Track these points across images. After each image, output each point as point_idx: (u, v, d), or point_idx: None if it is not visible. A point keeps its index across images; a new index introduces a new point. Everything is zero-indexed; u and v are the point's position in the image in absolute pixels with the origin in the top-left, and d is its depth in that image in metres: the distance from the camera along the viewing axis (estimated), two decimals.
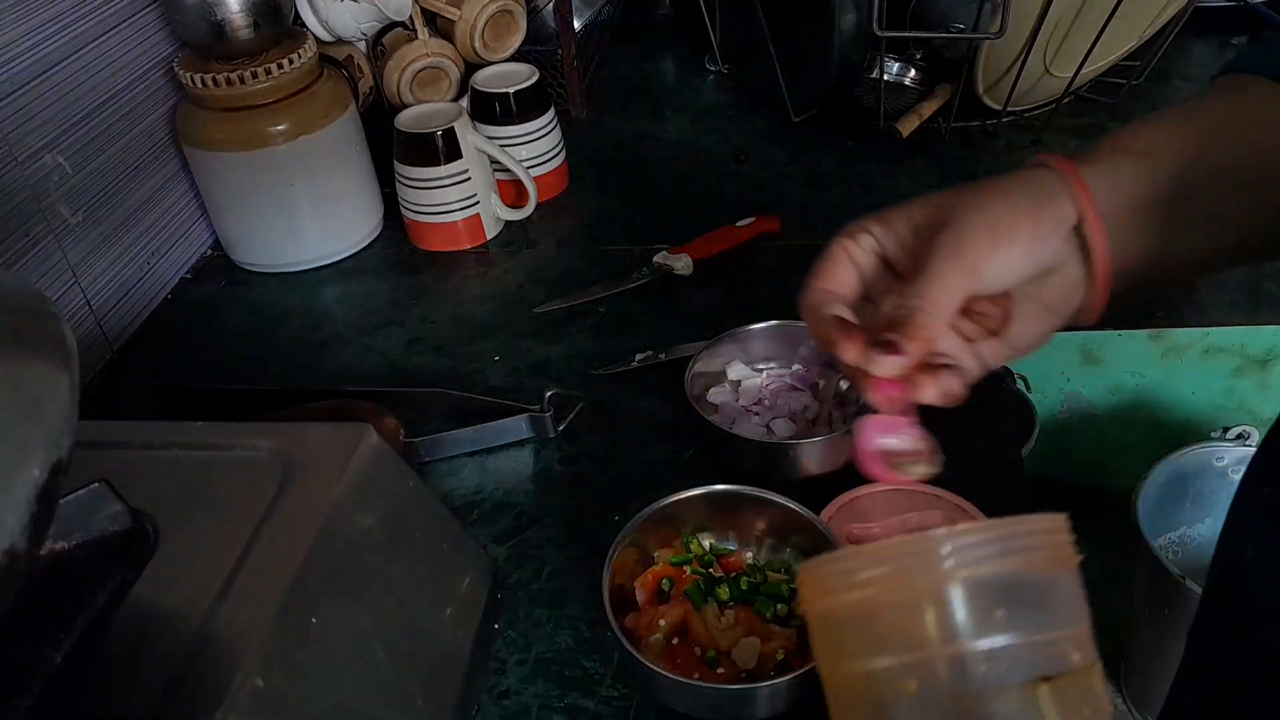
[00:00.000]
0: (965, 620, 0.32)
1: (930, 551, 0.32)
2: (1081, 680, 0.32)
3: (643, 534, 0.60)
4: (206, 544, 0.44)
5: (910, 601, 0.33)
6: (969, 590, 0.32)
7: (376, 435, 0.51)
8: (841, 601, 0.34)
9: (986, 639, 0.32)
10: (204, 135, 0.90)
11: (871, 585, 0.33)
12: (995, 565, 0.32)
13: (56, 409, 0.32)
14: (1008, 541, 0.33)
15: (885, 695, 0.33)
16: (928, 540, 0.32)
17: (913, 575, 0.33)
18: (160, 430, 0.53)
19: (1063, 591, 0.33)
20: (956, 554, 0.32)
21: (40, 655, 0.37)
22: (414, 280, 0.94)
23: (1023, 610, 0.32)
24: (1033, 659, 0.32)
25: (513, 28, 1.07)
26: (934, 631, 0.32)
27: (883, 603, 0.33)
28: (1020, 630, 0.32)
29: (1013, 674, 0.32)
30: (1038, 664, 0.32)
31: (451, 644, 0.54)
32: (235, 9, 0.85)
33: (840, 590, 0.34)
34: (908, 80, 1.08)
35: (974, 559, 0.32)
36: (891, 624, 0.33)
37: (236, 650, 0.39)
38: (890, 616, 0.33)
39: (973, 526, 0.33)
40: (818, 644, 0.36)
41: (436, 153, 0.92)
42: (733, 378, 0.75)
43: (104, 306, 0.87)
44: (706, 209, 1.01)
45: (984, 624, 0.32)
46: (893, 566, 0.33)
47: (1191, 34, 1.24)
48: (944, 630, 0.32)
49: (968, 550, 0.32)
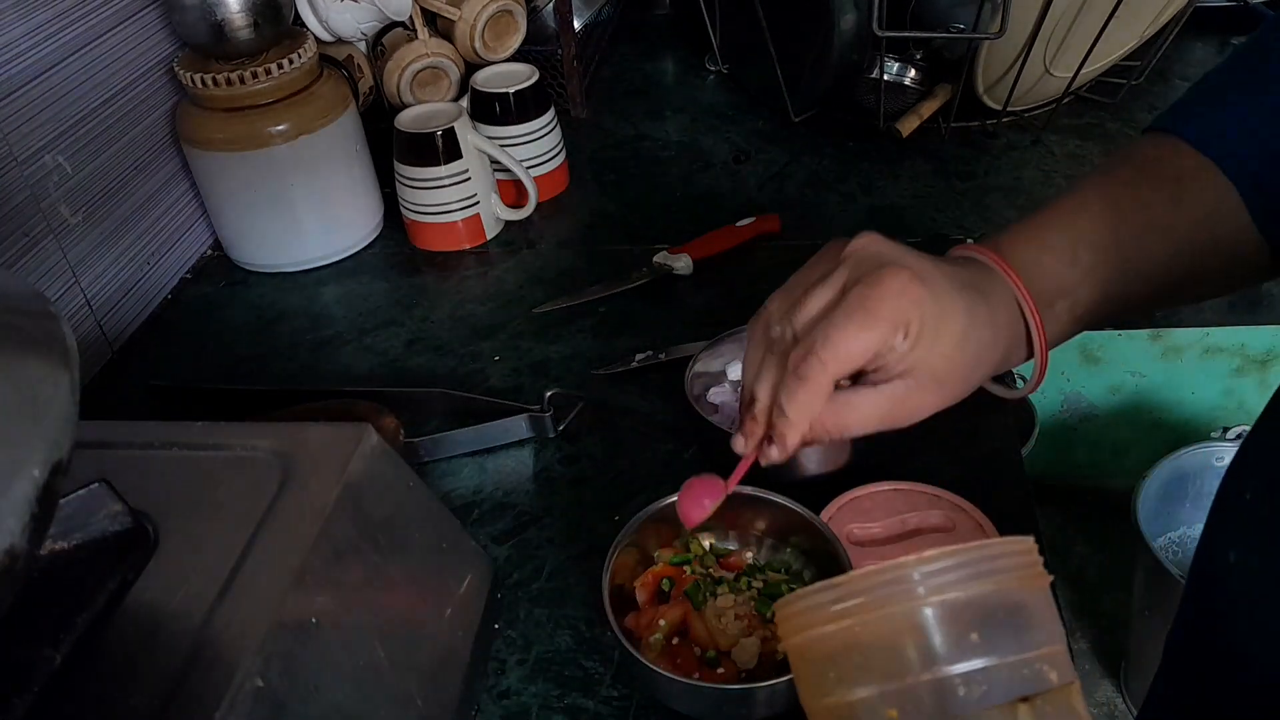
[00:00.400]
0: (941, 645, 0.32)
1: (902, 580, 0.33)
2: (1060, 698, 0.33)
3: (643, 534, 0.59)
4: (206, 544, 0.44)
5: (886, 630, 0.33)
6: (943, 615, 0.33)
7: (376, 435, 0.51)
8: (818, 635, 0.34)
9: (963, 662, 0.32)
10: (204, 135, 0.90)
11: (847, 617, 0.34)
12: (967, 589, 0.33)
13: (56, 409, 0.32)
14: (977, 565, 0.33)
15: None
16: (899, 568, 0.33)
17: (886, 604, 0.33)
18: (160, 430, 0.53)
19: (1036, 612, 0.34)
20: (927, 579, 0.33)
21: (40, 655, 0.37)
22: (414, 280, 0.94)
23: (997, 632, 0.33)
24: (1011, 680, 0.32)
25: (513, 28, 1.07)
26: (912, 658, 0.33)
27: (859, 633, 0.34)
28: (997, 652, 0.32)
29: (992, 695, 0.32)
30: (1016, 685, 0.32)
31: (451, 644, 0.54)
32: (235, 9, 0.85)
33: (816, 624, 0.34)
34: (908, 80, 1.08)
35: (945, 583, 0.33)
36: (869, 654, 0.33)
37: (236, 650, 0.39)
38: (867, 646, 0.33)
39: (942, 551, 0.33)
40: (799, 678, 0.37)
41: (436, 153, 0.92)
42: (733, 378, 0.75)
43: (104, 306, 0.87)
44: (706, 209, 1.01)
45: (960, 648, 0.32)
46: (866, 598, 0.33)
47: (1191, 34, 1.24)
48: (921, 657, 0.32)
49: (938, 575, 0.33)
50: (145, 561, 0.44)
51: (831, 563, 0.57)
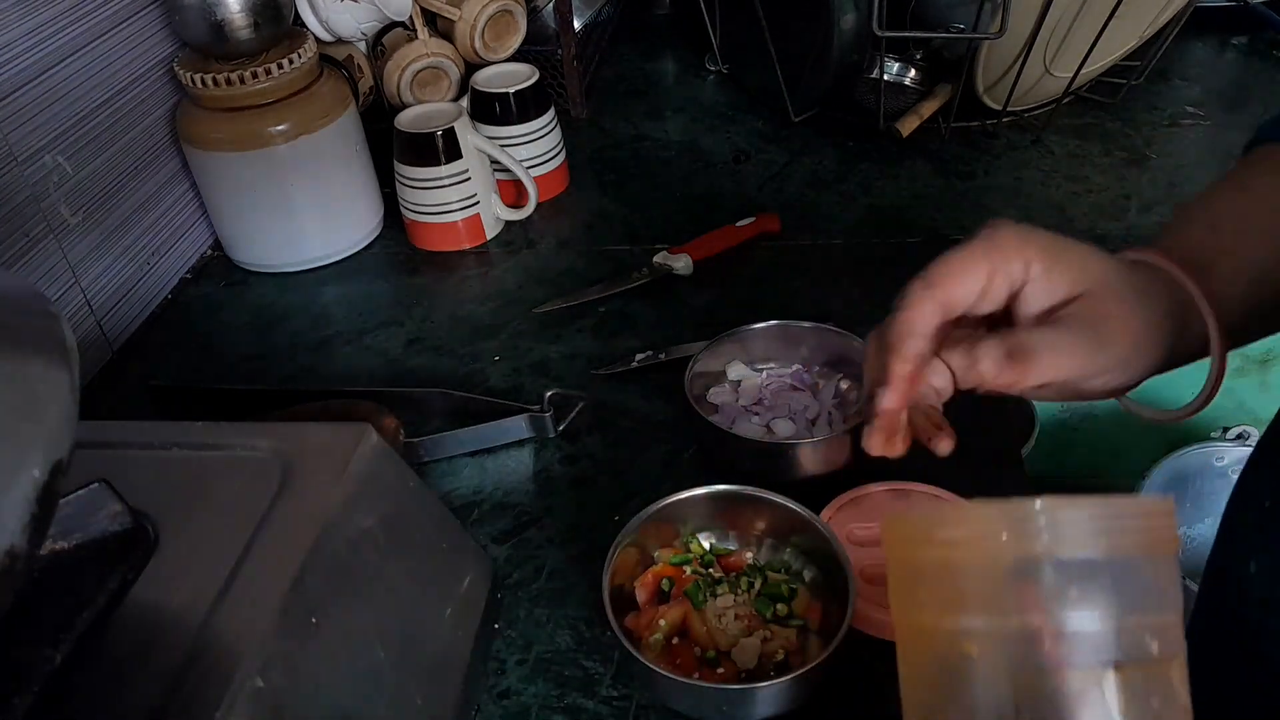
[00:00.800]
0: (1039, 593, 0.31)
1: (1026, 520, 0.32)
2: (1158, 672, 0.31)
3: (643, 534, 0.60)
4: (206, 544, 0.44)
5: (988, 566, 0.32)
6: (1053, 565, 0.31)
7: (376, 435, 0.51)
8: (925, 554, 0.34)
9: (1056, 616, 0.31)
10: (204, 135, 0.90)
11: (958, 545, 0.33)
12: (1089, 544, 0.31)
13: (56, 409, 0.32)
14: (1107, 520, 0.32)
15: (948, 654, 0.33)
16: (1024, 507, 0.32)
17: (999, 540, 0.32)
18: (160, 430, 0.53)
19: (1152, 578, 0.32)
20: (1051, 527, 0.31)
21: (40, 655, 0.37)
22: (414, 280, 0.94)
23: (1106, 591, 0.31)
24: (1103, 643, 0.31)
25: (513, 28, 1.07)
26: (1008, 600, 0.32)
27: (965, 562, 0.33)
28: (1098, 611, 0.31)
29: (1079, 656, 0.31)
30: (1109, 649, 0.31)
31: (451, 644, 0.54)
32: (235, 9, 0.85)
33: (926, 543, 0.34)
34: (908, 80, 1.08)
35: (1068, 535, 0.31)
36: (968, 585, 0.32)
37: (236, 650, 0.39)
38: (969, 577, 0.32)
39: (1074, 501, 0.32)
40: (894, 591, 0.36)
41: (436, 153, 0.92)
42: (733, 378, 0.75)
43: (104, 306, 0.87)
44: (706, 209, 1.01)
45: (1057, 600, 0.31)
46: (983, 528, 0.32)
47: (1191, 34, 1.24)
48: (1018, 600, 0.31)
49: (1064, 526, 0.31)
50: (145, 561, 0.44)
51: (831, 563, 0.57)
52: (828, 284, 0.88)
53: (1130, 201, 0.98)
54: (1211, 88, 1.17)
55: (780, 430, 0.71)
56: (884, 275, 0.88)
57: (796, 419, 0.72)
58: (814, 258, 0.92)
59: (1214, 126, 1.10)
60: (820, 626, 0.56)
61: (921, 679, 0.35)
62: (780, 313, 0.75)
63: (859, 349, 0.72)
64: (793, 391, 0.74)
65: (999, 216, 0.95)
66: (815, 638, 0.56)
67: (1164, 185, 1.00)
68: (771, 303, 0.86)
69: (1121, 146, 1.07)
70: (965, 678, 0.33)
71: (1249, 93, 1.16)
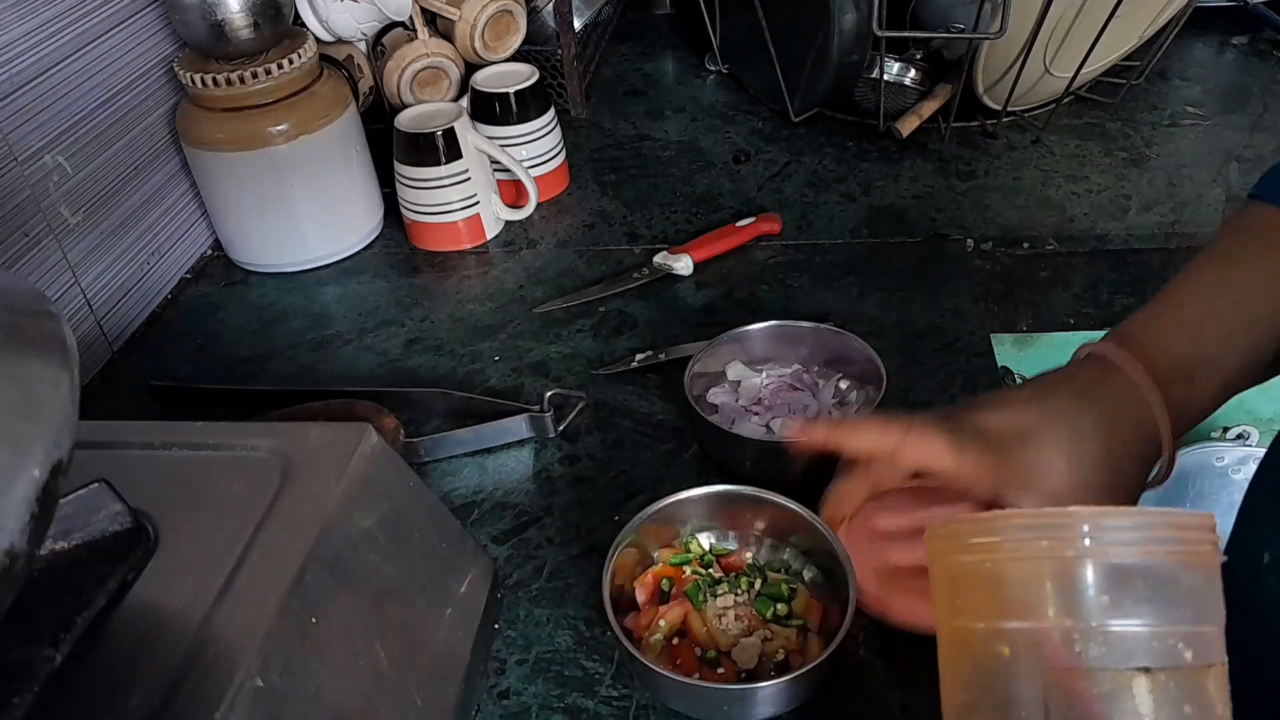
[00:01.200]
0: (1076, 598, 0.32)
1: (1064, 528, 0.32)
2: (1191, 678, 0.32)
3: (643, 534, 0.60)
4: (206, 544, 0.44)
5: (1029, 572, 0.33)
6: (1089, 571, 0.32)
7: (376, 435, 0.51)
8: (966, 560, 0.34)
9: (1095, 620, 0.32)
10: (204, 135, 0.90)
11: (998, 551, 0.33)
12: (1124, 553, 0.32)
13: (56, 409, 0.32)
14: (1144, 530, 0.32)
15: (983, 654, 0.34)
16: (1068, 516, 0.32)
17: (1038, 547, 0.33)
18: (160, 430, 0.53)
19: (1190, 589, 0.33)
20: (1095, 535, 0.32)
21: (40, 655, 0.37)
22: (414, 280, 0.94)
23: (1139, 599, 0.32)
24: (1134, 648, 0.32)
25: (513, 28, 1.07)
26: (1043, 604, 0.32)
27: (1003, 568, 0.33)
28: (1126, 617, 0.32)
29: (1110, 658, 0.32)
30: (1139, 654, 0.32)
31: (451, 644, 0.54)
32: (235, 9, 0.85)
33: (966, 549, 0.34)
34: (908, 80, 1.08)
35: (1111, 542, 0.32)
36: (1006, 591, 0.33)
37: (236, 650, 0.39)
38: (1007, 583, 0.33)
39: (1118, 511, 0.33)
40: (936, 596, 0.37)
41: (436, 153, 0.92)
42: (733, 378, 0.75)
43: (104, 306, 0.87)
44: (706, 209, 1.01)
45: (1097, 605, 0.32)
46: (1022, 535, 0.33)
47: (1191, 34, 1.24)
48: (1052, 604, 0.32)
49: (1108, 533, 0.32)
50: (145, 561, 0.44)
51: (831, 563, 0.57)
52: (828, 284, 0.88)
53: (1130, 201, 0.98)
54: (1211, 88, 1.17)
55: (780, 430, 0.71)
56: (884, 275, 0.88)
57: (796, 419, 0.72)
58: (814, 258, 0.92)
59: (1214, 126, 1.10)
60: (820, 626, 0.56)
61: (959, 680, 0.36)
62: (780, 313, 0.75)
63: (858, 349, 0.72)
64: (792, 391, 0.74)
65: (999, 216, 0.96)
66: (815, 638, 0.56)
67: (1164, 185, 1.00)
68: (771, 303, 0.86)
69: (1121, 146, 1.07)
70: (997, 677, 0.33)
71: (1249, 93, 1.16)
